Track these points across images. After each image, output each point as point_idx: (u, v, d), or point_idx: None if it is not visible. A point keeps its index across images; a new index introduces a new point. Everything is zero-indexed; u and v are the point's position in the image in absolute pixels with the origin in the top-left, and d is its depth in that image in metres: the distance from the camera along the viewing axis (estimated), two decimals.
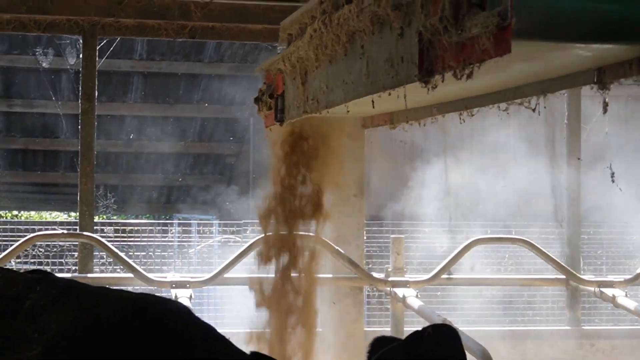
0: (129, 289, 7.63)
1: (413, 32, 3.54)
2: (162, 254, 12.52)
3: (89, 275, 8.06)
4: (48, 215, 22.53)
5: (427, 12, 3.36)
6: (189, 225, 14.49)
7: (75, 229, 8.74)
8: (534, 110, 4.56)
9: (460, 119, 5.48)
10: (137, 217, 20.65)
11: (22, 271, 3.40)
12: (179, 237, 13.45)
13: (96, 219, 9.56)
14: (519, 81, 4.44)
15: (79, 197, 8.49)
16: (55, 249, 12.20)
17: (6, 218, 21.88)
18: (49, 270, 11.44)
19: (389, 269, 7.89)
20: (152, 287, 7.66)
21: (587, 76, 3.86)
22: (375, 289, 8.18)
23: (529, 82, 4.42)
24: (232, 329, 7.66)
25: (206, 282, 7.60)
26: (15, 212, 22.46)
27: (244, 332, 8.20)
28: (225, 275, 7.61)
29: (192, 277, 7.67)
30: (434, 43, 3.34)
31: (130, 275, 7.54)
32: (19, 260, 11.38)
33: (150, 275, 7.61)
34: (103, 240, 7.79)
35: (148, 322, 2.85)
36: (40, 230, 10.63)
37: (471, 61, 3.15)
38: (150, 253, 12.32)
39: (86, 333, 2.78)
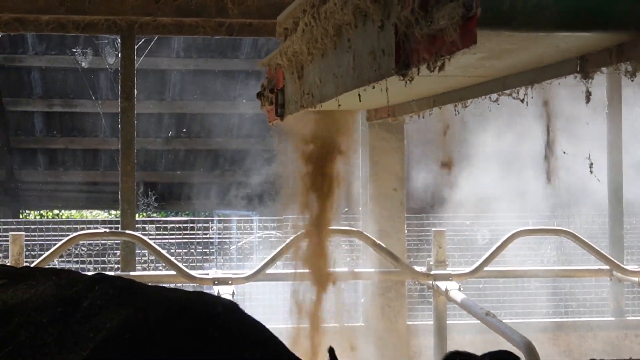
0: (172, 286, 7.67)
1: (391, 25, 3.52)
2: (204, 250, 12.54)
3: (131, 273, 8.10)
4: (89, 214, 22.65)
5: (402, 4, 3.33)
6: (229, 222, 14.49)
7: (117, 228, 8.79)
8: (522, 100, 4.55)
9: (455, 110, 5.47)
10: (176, 215, 20.72)
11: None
12: (219, 234, 13.46)
13: (137, 217, 9.58)
14: (507, 71, 4.40)
15: (120, 195, 8.53)
16: (97, 248, 12.25)
17: (47, 217, 22.02)
18: (91, 269, 11.50)
19: (431, 262, 7.86)
20: (195, 285, 7.68)
21: (571, 65, 3.83)
22: (417, 282, 8.14)
23: (516, 72, 4.37)
24: (274, 325, 7.67)
25: (248, 278, 7.61)
26: (56, 212, 22.60)
27: (285, 328, 8.22)
28: (267, 272, 7.61)
29: (234, 274, 7.68)
30: (408, 36, 3.31)
31: (173, 272, 7.56)
32: (61, 259, 11.44)
33: (193, 273, 7.64)
34: (145, 238, 7.82)
35: (196, 320, 2.86)
36: (82, 229, 10.68)
37: (442, 53, 3.12)
38: (191, 250, 12.34)
39: (135, 333, 2.80)
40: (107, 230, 8.33)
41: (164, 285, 7.34)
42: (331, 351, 2.89)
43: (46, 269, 3.57)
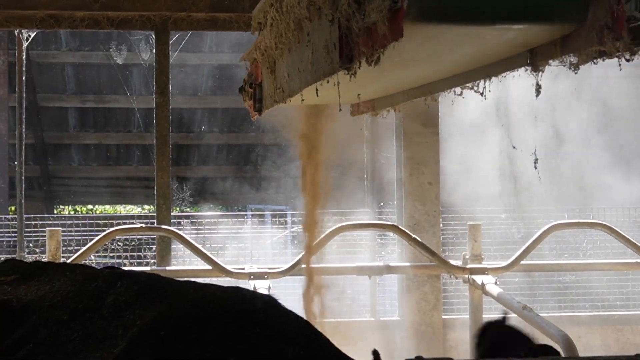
0: (208, 281, 7.68)
1: (336, 19, 3.48)
2: (239, 245, 12.55)
3: (167, 268, 8.12)
4: (122, 209, 22.75)
5: None
6: (263, 216, 14.51)
7: (153, 223, 8.81)
8: (481, 94, 4.53)
9: (425, 103, 5.46)
10: (210, 209, 20.76)
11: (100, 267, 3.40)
12: (253, 228, 13.47)
13: (172, 212, 9.61)
14: (468, 66, 4.37)
15: (156, 190, 8.56)
16: (133, 243, 12.30)
17: (81, 212, 22.12)
18: (127, 264, 11.54)
19: (467, 256, 7.83)
20: (231, 279, 7.69)
21: (522, 58, 3.80)
22: (452, 276, 8.11)
23: (476, 66, 4.34)
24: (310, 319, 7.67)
25: (284, 272, 7.60)
26: (90, 206, 22.71)
27: (320, 322, 8.21)
28: (303, 266, 7.60)
29: (270, 268, 7.68)
30: (350, 29, 3.29)
31: (209, 267, 7.57)
32: (97, 254, 11.49)
33: (229, 267, 7.64)
34: (181, 232, 7.84)
35: (236, 316, 2.78)
36: (117, 224, 10.72)
37: (376, 47, 3.09)
38: (227, 245, 12.35)
39: (169, 330, 2.73)
40: (144, 225, 8.33)
41: (199, 279, 7.38)
42: (375, 353, 2.82)
43: (59, 264, 3.48)
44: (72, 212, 21.99)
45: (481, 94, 4.56)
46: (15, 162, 10.03)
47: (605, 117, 13.53)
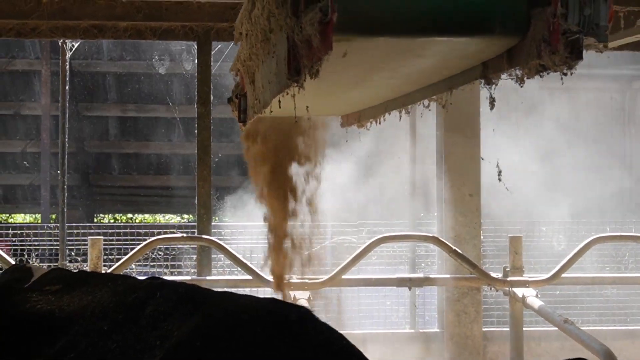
0: (247, 290, 7.70)
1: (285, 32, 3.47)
2: None
3: (207, 277, 8.14)
4: (162, 218, 22.85)
5: (286, 10, 3.30)
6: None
7: (193, 232, 8.84)
8: (443, 106, 4.51)
9: (400, 115, 5.45)
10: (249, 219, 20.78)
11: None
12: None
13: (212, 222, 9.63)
14: (431, 78, 4.35)
15: (197, 200, 8.59)
16: (173, 252, 12.35)
17: (121, 221, 22.25)
18: (167, 273, 11.59)
19: (507, 269, 7.78)
20: (270, 289, 7.69)
21: (477, 71, 3.78)
22: (493, 288, 8.07)
23: (439, 79, 4.32)
24: (349, 331, 7.67)
25: (324, 283, 7.59)
26: (129, 215, 22.84)
27: (360, 333, 8.21)
28: (344, 277, 7.59)
29: (310, 279, 7.67)
30: (294, 42, 3.28)
31: (249, 277, 7.58)
32: (138, 263, 11.55)
33: (268, 277, 7.64)
34: (222, 243, 7.85)
35: (271, 329, 2.79)
36: (157, 233, 10.77)
37: (314, 60, 3.07)
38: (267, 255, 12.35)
39: (205, 341, 2.75)
40: (185, 234, 8.37)
41: (239, 289, 7.39)
42: None
43: (101, 274, 3.52)
44: (112, 221, 22.13)
45: (443, 107, 4.56)
46: (58, 171, 10.12)
47: None
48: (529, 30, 3.12)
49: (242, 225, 13.45)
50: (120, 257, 9.07)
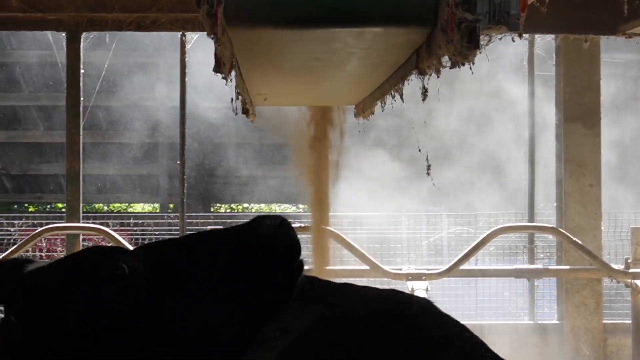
0: (364, 281, 7.73)
1: None
2: (396, 245, 12.57)
3: (325, 267, 8.17)
4: (277, 208, 23.04)
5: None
6: (418, 217, 14.47)
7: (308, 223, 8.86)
8: (401, 97, 4.44)
9: (381, 107, 5.41)
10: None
11: None
12: (408, 229, 13.47)
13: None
14: (385, 70, 4.28)
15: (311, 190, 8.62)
16: None
17: (237, 211, 22.50)
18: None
19: (629, 260, 7.66)
20: (388, 279, 7.71)
21: (413, 62, 3.70)
22: (614, 280, 7.95)
23: (392, 70, 4.26)
24: (467, 321, 7.63)
25: (442, 274, 7.58)
26: (245, 205, 23.07)
27: (478, 324, 8.18)
28: (461, 268, 7.56)
29: (427, 270, 7.67)
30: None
31: (367, 267, 7.60)
32: None
33: (386, 268, 7.66)
34: (339, 232, 7.87)
35: (392, 320, 2.77)
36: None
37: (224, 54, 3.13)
38: (384, 245, 12.38)
39: (324, 334, 2.75)
40: (302, 225, 8.41)
41: (356, 279, 7.41)
42: None
43: None
44: (228, 211, 22.39)
45: (401, 97, 4.52)
46: (178, 162, 10.27)
47: None
48: (437, 20, 3.09)
49: (359, 216, 13.48)
50: None
